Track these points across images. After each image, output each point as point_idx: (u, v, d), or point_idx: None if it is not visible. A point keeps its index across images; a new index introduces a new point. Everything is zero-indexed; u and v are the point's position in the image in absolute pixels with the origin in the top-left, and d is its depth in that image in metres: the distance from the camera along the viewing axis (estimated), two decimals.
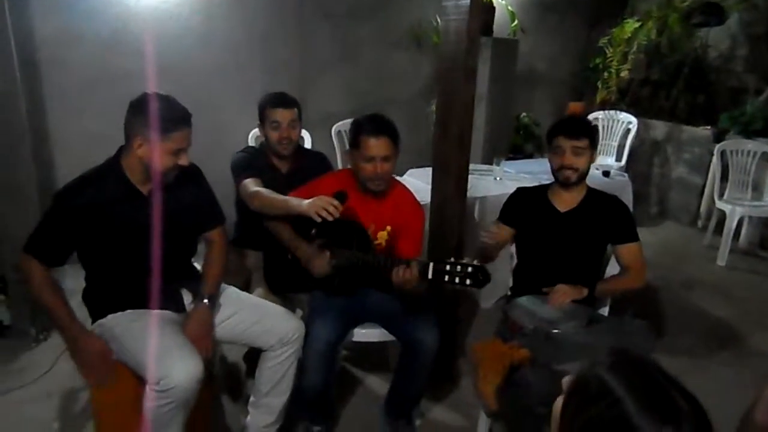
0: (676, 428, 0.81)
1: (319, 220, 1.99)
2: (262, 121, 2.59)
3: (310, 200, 2.05)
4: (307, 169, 2.57)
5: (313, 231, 2.15)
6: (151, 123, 1.79)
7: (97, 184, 1.87)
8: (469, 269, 1.85)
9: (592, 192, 2.40)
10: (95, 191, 1.85)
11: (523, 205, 2.44)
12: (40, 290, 1.82)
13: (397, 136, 2.19)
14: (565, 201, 2.37)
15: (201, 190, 2.12)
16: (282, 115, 2.54)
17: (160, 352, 1.73)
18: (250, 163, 2.53)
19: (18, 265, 1.89)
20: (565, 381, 0.97)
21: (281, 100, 2.57)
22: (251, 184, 2.37)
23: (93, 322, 1.95)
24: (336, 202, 2.01)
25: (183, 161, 1.88)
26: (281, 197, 2.24)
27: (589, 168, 2.33)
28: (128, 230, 1.89)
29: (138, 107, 1.83)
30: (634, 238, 2.32)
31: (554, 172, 2.34)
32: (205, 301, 2.01)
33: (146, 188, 1.92)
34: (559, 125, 2.35)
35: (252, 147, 2.75)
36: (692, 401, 0.84)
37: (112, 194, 1.87)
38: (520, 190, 2.52)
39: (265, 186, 2.36)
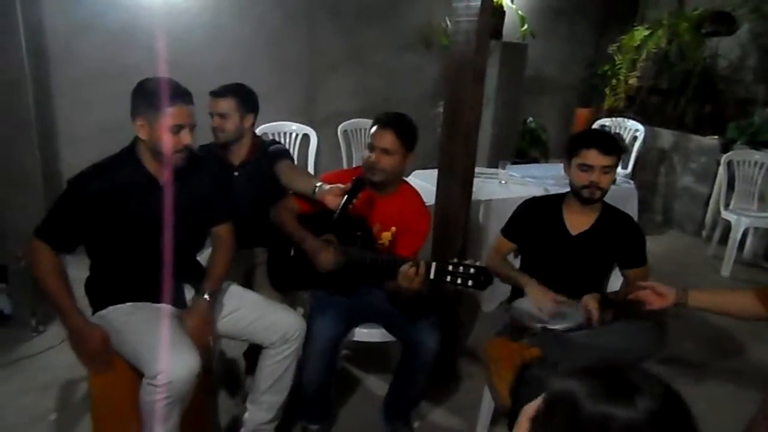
0: (626, 403, 0.73)
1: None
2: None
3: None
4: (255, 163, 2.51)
5: (335, 216, 2.07)
6: (146, 101, 1.82)
7: (113, 171, 1.87)
8: (471, 270, 1.85)
9: (607, 210, 2.26)
10: (112, 178, 1.85)
11: (534, 221, 2.31)
12: (45, 276, 1.81)
13: (408, 136, 2.22)
14: (580, 220, 2.24)
15: (215, 181, 2.14)
16: (212, 105, 2.44)
17: (159, 347, 1.72)
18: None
19: (23, 251, 1.89)
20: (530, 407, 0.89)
21: (216, 90, 2.45)
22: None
23: (93, 312, 1.94)
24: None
25: (186, 139, 1.87)
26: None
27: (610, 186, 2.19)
28: (141, 219, 1.89)
29: (136, 90, 1.85)
30: (643, 262, 2.25)
31: (578, 188, 2.18)
32: (206, 296, 2.00)
33: (162, 178, 1.93)
34: (591, 138, 2.16)
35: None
36: (651, 378, 0.77)
37: (129, 181, 1.87)
38: (532, 203, 2.37)
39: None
